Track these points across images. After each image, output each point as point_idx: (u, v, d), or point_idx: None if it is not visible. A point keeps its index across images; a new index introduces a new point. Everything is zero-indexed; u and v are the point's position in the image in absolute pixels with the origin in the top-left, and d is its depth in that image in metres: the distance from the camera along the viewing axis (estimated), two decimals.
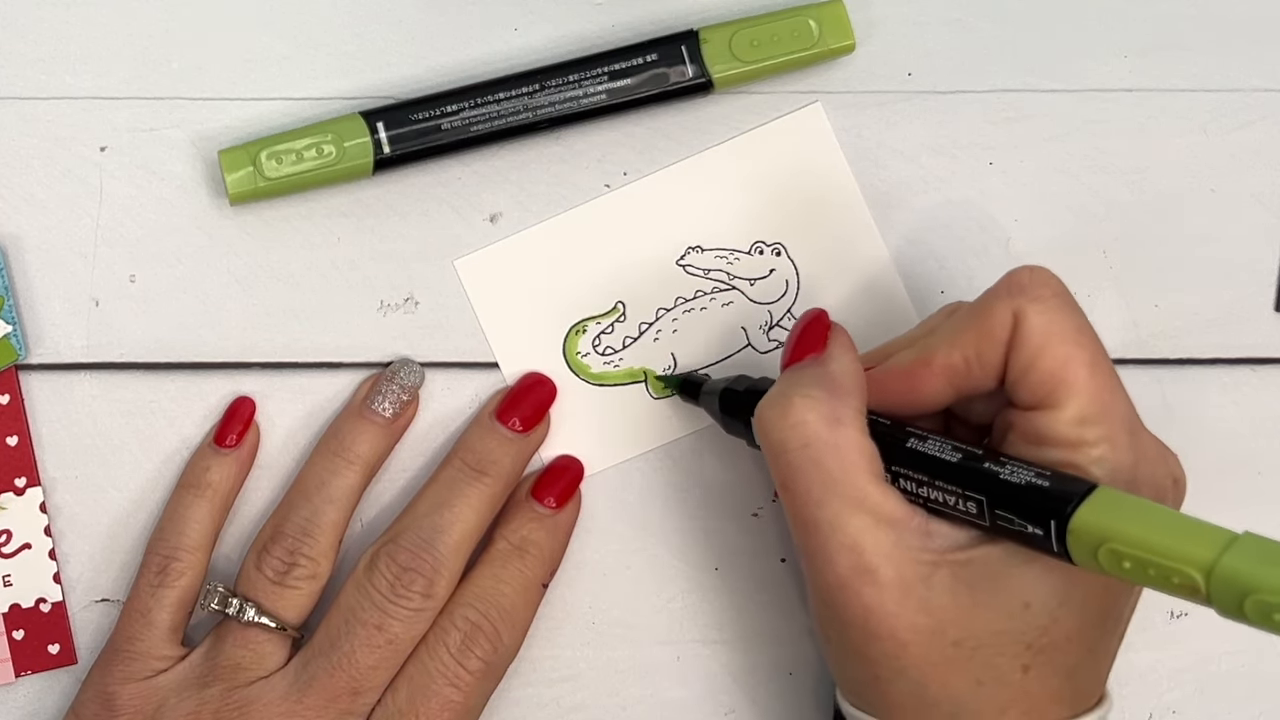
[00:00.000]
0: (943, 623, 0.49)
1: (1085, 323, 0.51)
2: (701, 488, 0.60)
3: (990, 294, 0.51)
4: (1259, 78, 0.61)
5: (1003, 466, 0.49)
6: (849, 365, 0.52)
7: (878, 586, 0.49)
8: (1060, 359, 0.50)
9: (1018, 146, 0.61)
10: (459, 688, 0.55)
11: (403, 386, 0.58)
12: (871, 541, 0.49)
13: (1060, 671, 0.50)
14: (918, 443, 0.51)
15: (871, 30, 0.60)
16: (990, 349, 0.51)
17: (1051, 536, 0.47)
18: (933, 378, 0.52)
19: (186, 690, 0.55)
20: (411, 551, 0.56)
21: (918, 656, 0.50)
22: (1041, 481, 0.48)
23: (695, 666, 0.60)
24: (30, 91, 0.59)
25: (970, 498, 0.49)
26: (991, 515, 0.49)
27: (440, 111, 0.58)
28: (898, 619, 0.49)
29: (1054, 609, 0.49)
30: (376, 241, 0.59)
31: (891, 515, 0.50)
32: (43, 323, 0.59)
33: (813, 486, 0.50)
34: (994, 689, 0.50)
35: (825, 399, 0.50)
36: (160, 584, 0.57)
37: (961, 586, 0.49)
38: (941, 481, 0.50)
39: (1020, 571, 0.49)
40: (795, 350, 0.53)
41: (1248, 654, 0.61)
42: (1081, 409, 0.49)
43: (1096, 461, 0.49)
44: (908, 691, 0.50)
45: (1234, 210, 0.61)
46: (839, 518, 0.49)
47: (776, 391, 0.52)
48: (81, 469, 0.59)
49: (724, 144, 0.60)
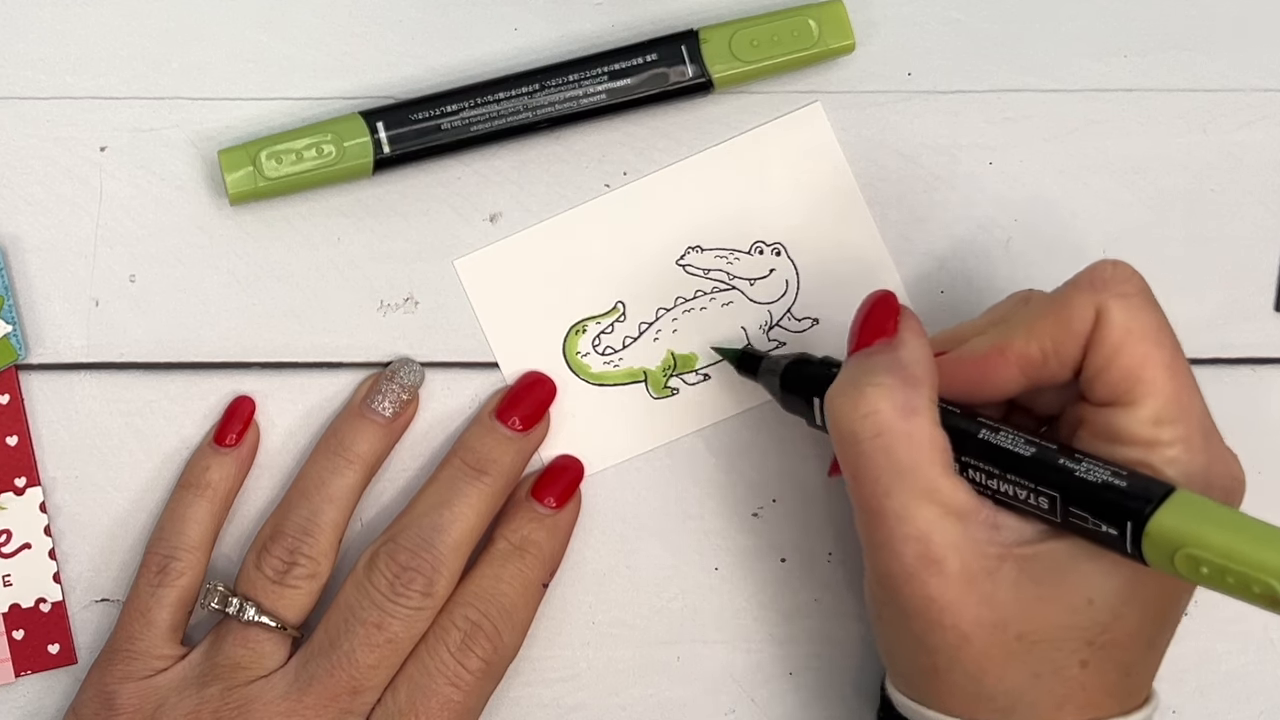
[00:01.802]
0: (1005, 616, 0.49)
1: (1165, 322, 0.51)
2: (701, 488, 0.60)
3: (1071, 286, 0.51)
4: (1259, 78, 0.61)
5: (1078, 464, 0.49)
6: (921, 352, 0.52)
7: (943, 577, 0.49)
8: (1139, 357, 0.49)
9: (1018, 146, 0.61)
10: (459, 687, 0.55)
11: (403, 386, 0.58)
12: (939, 533, 0.49)
13: (1118, 667, 0.50)
14: (990, 434, 0.51)
15: (871, 30, 0.60)
16: (1069, 342, 0.50)
17: (1127, 538, 0.47)
18: (1007, 367, 0.51)
19: (186, 689, 0.55)
20: (411, 550, 0.56)
21: (978, 649, 0.49)
22: (1118, 481, 0.48)
23: (695, 666, 0.60)
24: (30, 91, 0.59)
25: (1043, 493, 0.49)
26: (1064, 512, 0.48)
27: (440, 111, 0.58)
28: (961, 611, 0.49)
29: (1117, 606, 0.49)
30: (376, 241, 0.59)
31: (961, 507, 0.49)
32: (43, 323, 0.59)
33: (882, 476, 0.50)
34: (1051, 683, 0.50)
35: (898, 387, 0.50)
36: (160, 583, 0.57)
37: (1026, 580, 0.49)
38: (1014, 475, 0.50)
39: (1086, 568, 0.49)
40: (863, 333, 0.53)
41: (1248, 654, 0.61)
42: (1158, 409, 0.49)
43: (1170, 462, 0.49)
44: (964, 683, 0.50)
45: (1234, 210, 0.61)
46: (907, 508, 0.49)
47: (847, 379, 0.51)
48: (81, 469, 0.59)
49: (724, 144, 0.60)
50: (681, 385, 0.60)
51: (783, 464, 0.60)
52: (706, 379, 0.60)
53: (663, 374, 0.60)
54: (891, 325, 0.52)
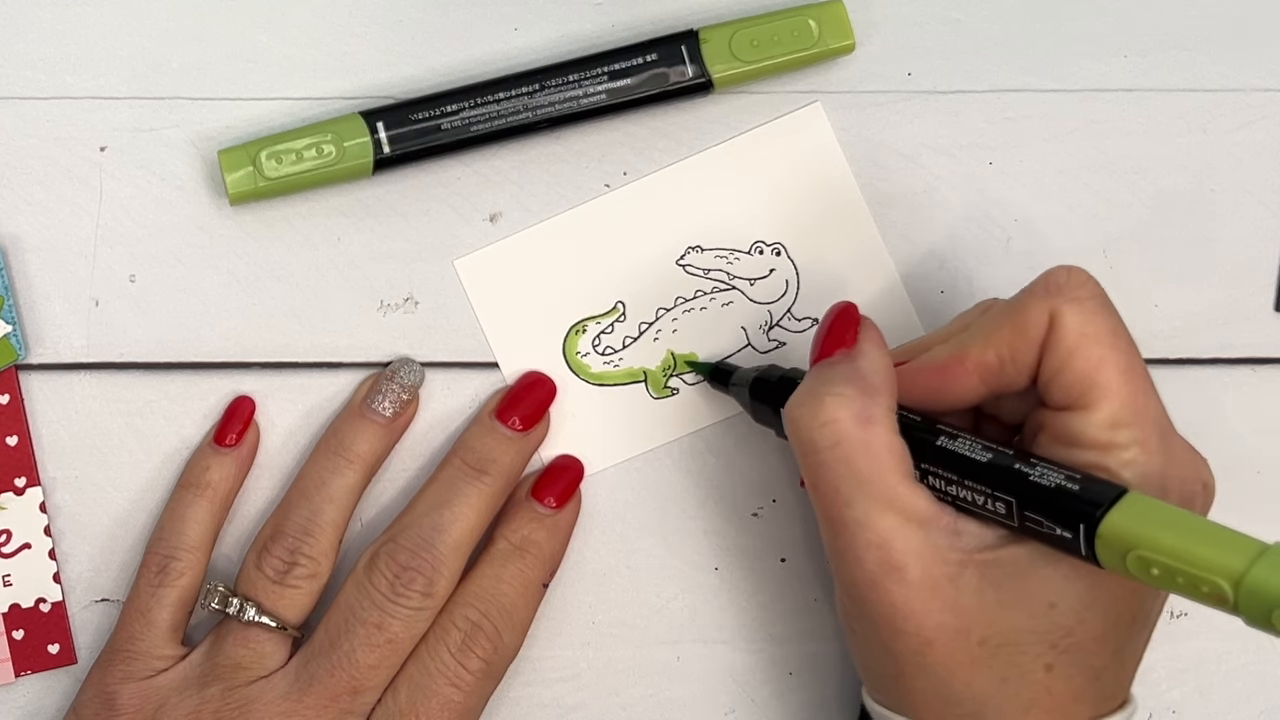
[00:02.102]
0: (968, 621, 0.49)
1: (1121, 325, 0.51)
2: (701, 488, 0.60)
3: (1026, 293, 0.51)
4: (1259, 78, 0.61)
5: (1033, 468, 0.49)
6: (880, 362, 0.52)
7: (905, 584, 0.49)
8: (1094, 361, 0.50)
9: (1018, 146, 0.61)
10: (459, 687, 0.55)
11: (403, 386, 0.58)
12: (900, 540, 0.49)
13: (1085, 672, 0.50)
14: (948, 441, 0.51)
15: (871, 30, 0.60)
16: (1024, 348, 0.51)
17: (1080, 540, 0.47)
18: (966, 374, 0.52)
19: (187, 690, 0.55)
20: (411, 551, 0.56)
21: (943, 654, 0.50)
22: (1071, 485, 0.48)
23: (695, 666, 0.60)
24: (30, 91, 0.59)
25: (999, 498, 0.49)
26: (1020, 516, 0.49)
27: (440, 111, 0.58)
28: (924, 616, 0.49)
29: (1080, 610, 0.50)
30: (376, 241, 0.59)
31: (921, 514, 0.50)
32: (43, 323, 0.59)
33: (842, 485, 0.50)
34: (1017, 687, 0.50)
35: (856, 397, 0.50)
36: (160, 583, 0.57)
37: (988, 585, 0.49)
38: (971, 481, 0.50)
39: (1047, 572, 0.49)
40: (825, 344, 0.53)
41: (1248, 654, 0.61)
42: (1114, 412, 0.49)
43: (1127, 465, 0.49)
44: (932, 688, 0.50)
45: (1234, 210, 0.61)
46: (868, 516, 0.49)
47: (806, 389, 0.52)
48: (81, 469, 0.59)
49: (724, 144, 0.60)
50: (681, 385, 0.60)
51: (783, 464, 0.60)
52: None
53: (663, 374, 0.60)
54: (851, 336, 0.53)
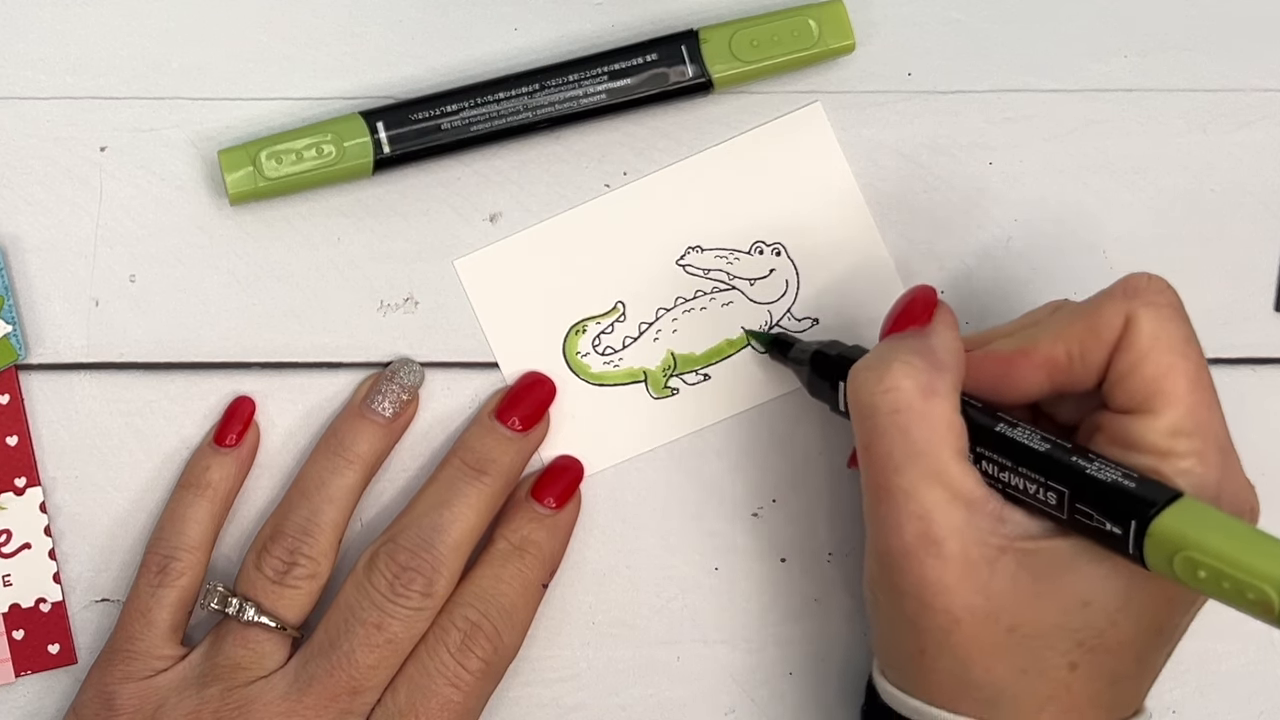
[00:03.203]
0: (999, 607, 0.49)
1: (1193, 335, 0.51)
2: (701, 488, 0.60)
3: (1104, 294, 0.51)
4: (1259, 78, 0.61)
5: (1090, 462, 0.49)
6: (951, 341, 0.52)
7: (941, 559, 0.49)
8: (1164, 367, 0.50)
9: (1018, 146, 0.61)
10: (459, 688, 0.55)
11: (403, 386, 0.58)
12: (943, 515, 0.49)
13: (1105, 675, 0.50)
14: (1007, 428, 0.51)
15: (871, 30, 0.60)
16: (1096, 347, 0.51)
17: (1129, 537, 0.47)
18: (1033, 368, 0.52)
19: (186, 690, 0.55)
20: (411, 551, 0.56)
21: (968, 636, 0.50)
22: (1127, 482, 0.48)
23: (695, 666, 0.60)
24: (30, 91, 0.59)
25: (1052, 488, 0.49)
26: (1071, 508, 0.49)
27: (440, 111, 0.58)
28: (955, 595, 0.49)
29: (1113, 612, 0.50)
30: (376, 241, 0.59)
31: (968, 494, 0.50)
32: (43, 323, 0.59)
33: (895, 451, 0.50)
34: (1037, 681, 0.50)
35: (924, 369, 0.51)
36: (160, 583, 0.57)
37: (1024, 575, 0.49)
38: (1025, 468, 0.50)
39: (1087, 570, 0.49)
40: (898, 321, 0.53)
41: (1248, 654, 0.61)
42: (1177, 420, 0.49)
43: (1183, 474, 0.49)
44: (951, 670, 0.50)
45: (1234, 210, 0.61)
46: (915, 487, 0.50)
47: (875, 356, 0.52)
48: (81, 469, 0.59)
49: (724, 144, 0.60)
50: (681, 385, 0.60)
51: (783, 464, 0.60)
52: (706, 379, 0.60)
53: (663, 374, 0.60)
54: (926, 315, 0.53)
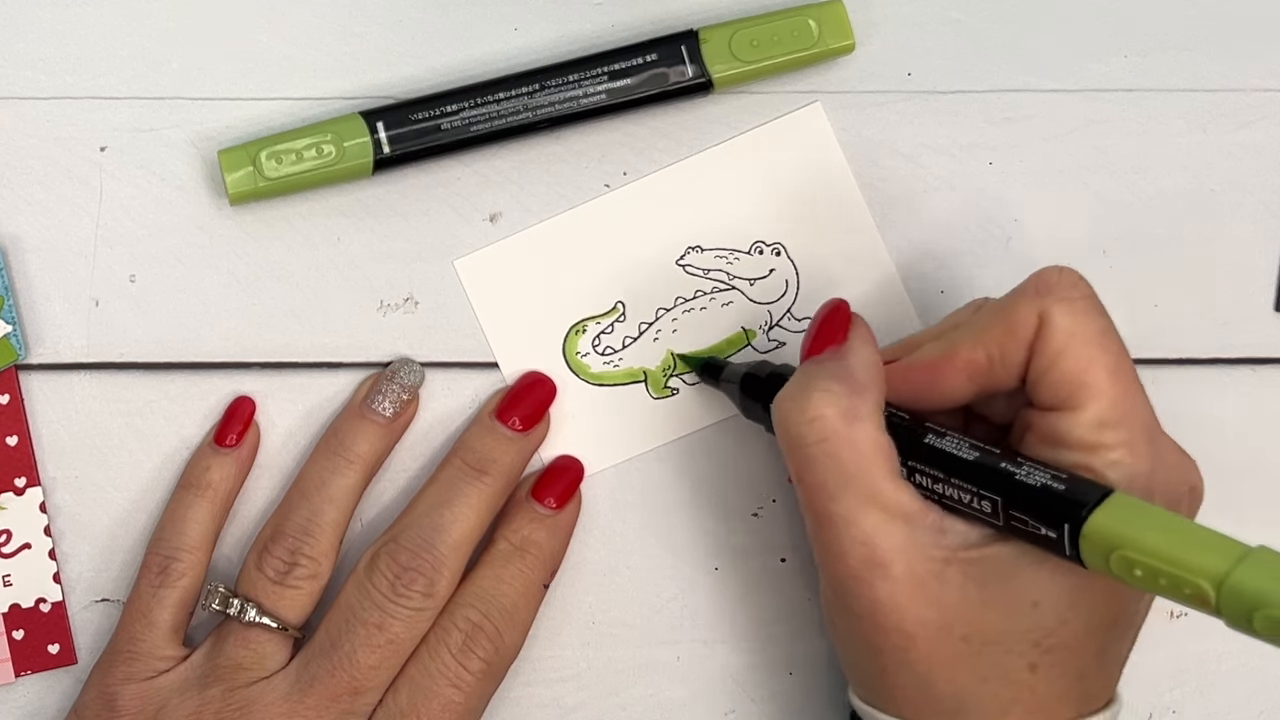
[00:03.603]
0: (951, 618, 0.49)
1: (1110, 326, 0.51)
2: (701, 488, 0.60)
3: (1017, 292, 0.51)
4: (1259, 78, 0.61)
5: (1019, 467, 0.49)
6: (868, 358, 0.52)
7: (889, 580, 0.49)
8: (1083, 361, 0.50)
9: (1018, 146, 0.61)
10: (460, 688, 0.55)
11: (403, 386, 0.58)
12: (884, 536, 0.49)
13: (1069, 673, 0.50)
14: (935, 439, 0.51)
15: (871, 30, 0.60)
16: (1014, 347, 0.51)
17: (1065, 540, 0.47)
18: (955, 373, 0.52)
19: (188, 691, 0.55)
20: (412, 551, 0.56)
21: (925, 651, 0.50)
22: (1057, 485, 0.48)
23: (695, 666, 0.60)
24: (30, 91, 0.59)
25: (985, 496, 0.49)
26: (1006, 515, 0.49)
27: (440, 111, 0.58)
28: (906, 613, 0.49)
29: (1063, 610, 0.50)
30: (376, 241, 0.59)
31: (905, 511, 0.50)
32: (43, 323, 0.59)
33: (828, 480, 0.50)
34: (999, 686, 0.50)
35: (844, 394, 0.51)
36: (161, 584, 0.57)
37: (971, 584, 0.49)
38: (957, 479, 0.50)
39: (1031, 571, 0.49)
40: (815, 341, 0.53)
41: (1248, 654, 0.61)
42: (1101, 412, 0.49)
43: (1113, 465, 0.49)
44: (913, 685, 0.50)
45: (1234, 210, 0.61)
46: (853, 512, 0.50)
47: (795, 384, 0.52)
48: (81, 469, 0.59)
49: (724, 144, 0.60)
50: (681, 385, 0.60)
51: (783, 464, 0.60)
52: None
53: (663, 374, 0.60)
54: (841, 334, 0.53)
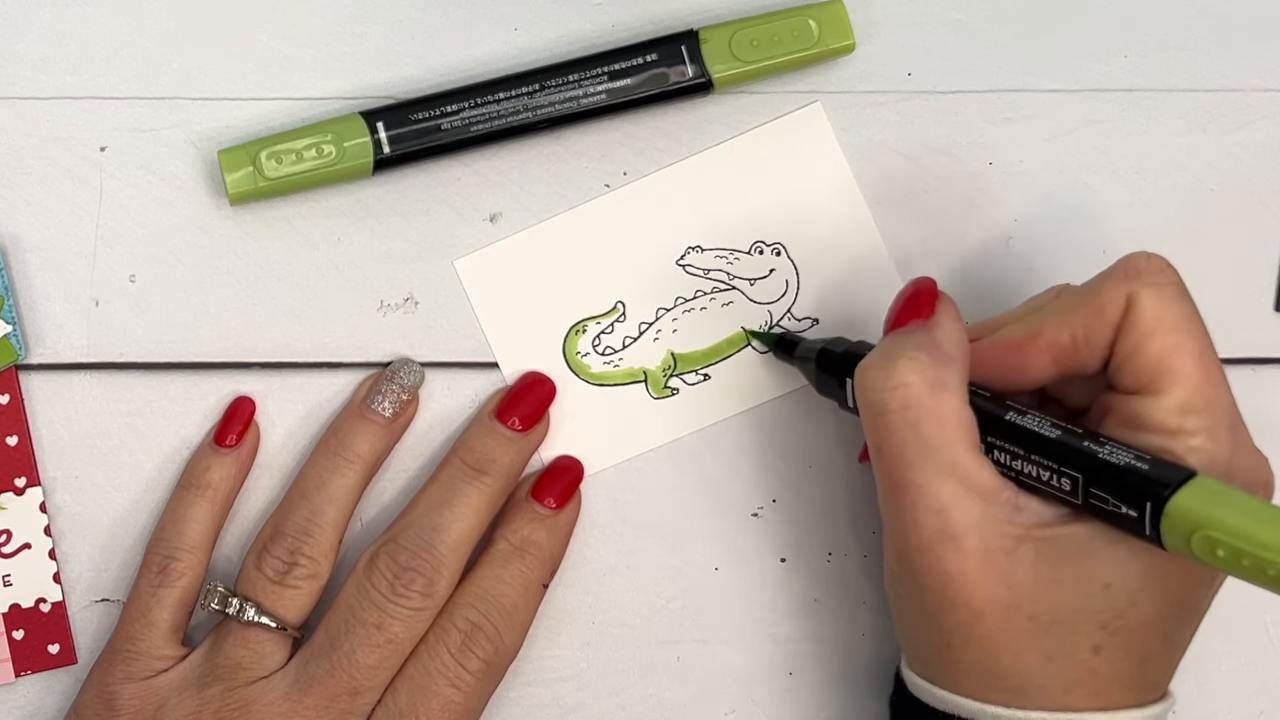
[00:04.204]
0: (1021, 596, 0.49)
1: (1196, 313, 0.51)
2: (701, 488, 0.60)
3: (1105, 276, 0.51)
4: (1259, 78, 0.61)
5: (1102, 446, 0.49)
6: (956, 333, 0.52)
7: (961, 554, 0.49)
8: (1169, 346, 0.50)
9: (1018, 146, 0.61)
10: (459, 688, 0.55)
11: (403, 386, 0.58)
12: (960, 509, 0.49)
13: (1132, 657, 0.50)
14: (1017, 416, 0.51)
15: (871, 30, 0.60)
16: (1099, 330, 0.51)
17: (1146, 519, 0.47)
18: (1038, 354, 0.52)
19: (187, 690, 0.55)
20: (411, 551, 0.56)
21: (992, 627, 0.50)
22: (1140, 464, 0.48)
23: (695, 666, 0.60)
24: (30, 91, 0.59)
25: (1065, 474, 0.49)
26: (1085, 493, 0.49)
27: (440, 111, 0.58)
28: (976, 588, 0.50)
29: (1134, 592, 0.50)
30: (376, 241, 0.59)
31: (983, 486, 0.50)
32: (43, 323, 0.59)
33: (907, 449, 0.50)
34: (1064, 666, 0.50)
35: (930, 364, 0.51)
36: (160, 584, 0.57)
37: (1044, 562, 0.50)
38: (1038, 456, 0.50)
39: (1105, 552, 0.49)
40: (900, 315, 0.53)
41: (1248, 654, 0.61)
42: (1184, 398, 0.50)
43: (1193, 451, 0.49)
44: (976, 661, 0.50)
45: (1234, 210, 0.61)
46: (930, 482, 0.50)
47: (880, 353, 0.52)
48: (81, 469, 0.59)
49: (724, 144, 0.60)
50: (681, 385, 0.60)
51: (783, 464, 0.60)
52: (706, 379, 0.60)
53: (663, 374, 0.60)
54: (928, 309, 0.53)
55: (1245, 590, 0.58)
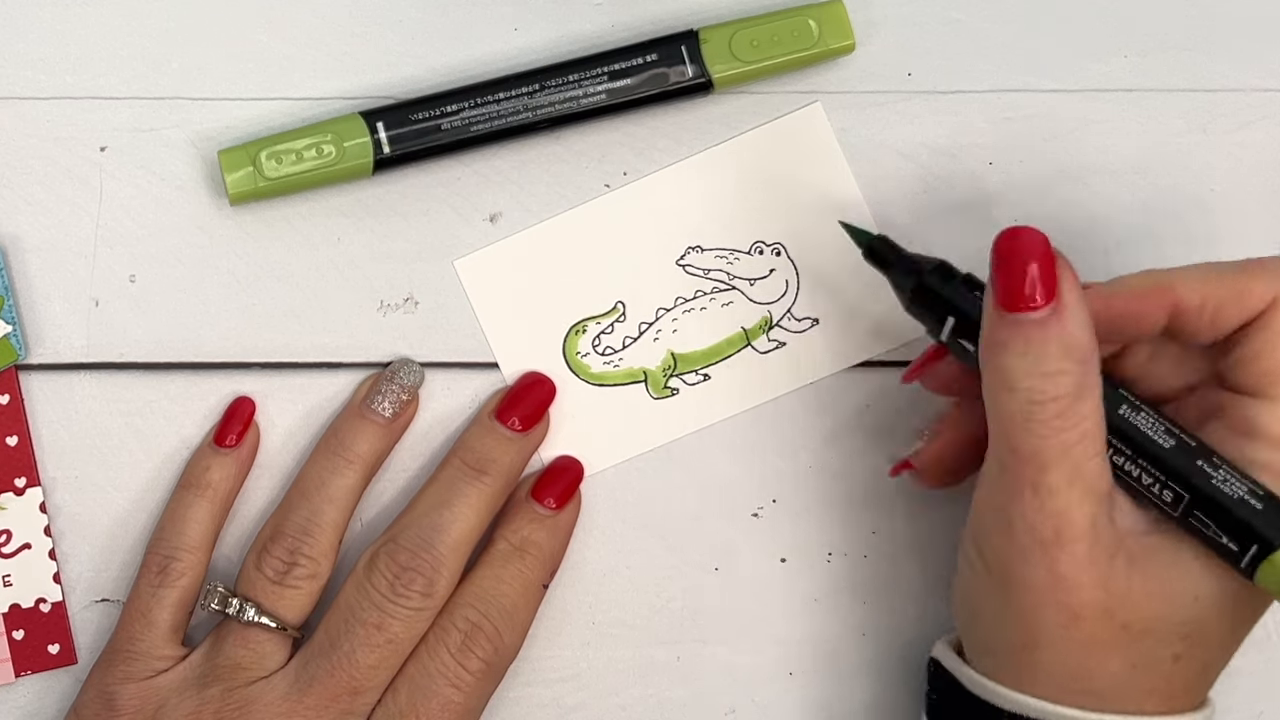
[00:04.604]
0: (1116, 604, 0.49)
1: None
2: (701, 488, 0.60)
3: (1260, 263, 0.51)
4: (1259, 78, 0.61)
5: (1216, 469, 0.49)
6: (1089, 322, 0.50)
7: (1073, 557, 0.49)
8: None
9: (1018, 146, 0.61)
10: (460, 688, 0.55)
11: (403, 386, 0.58)
12: (1081, 513, 0.49)
13: (1200, 664, 0.51)
14: (1130, 412, 0.50)
15: (871, 30, 0.60)
16: (1234, 312, 0.50)
17: (1245, 556, 0.47)
18: (1159, 308, 0.50)
19: (187, 690, 0.55)
20: (411, 551, 0.56)
21: (1087, 632, 0.50)
22: (1255, 501, 0.48)
23: (695, 666, 0.60)
24: (30, 91, 0.59)
25: (1171, 489, 0.49)
26: (1186, 511, 0.49)
27: (440, 111, 0.58)
28: (1081, 592, 0.49)
29: (1219, 605, 0.50)
30: (376, 241, 0.59)
31: (1101, 491, 0.49)
32: (43, 323, 0.59)
33: (1043, 450, 0.49)
34: (1146, 674, 0.50)
35: (1077, 370, 0.49)
36: (160, 584, 0.57)
37: (1137, 571, 0.49)
38: (1147, 462, 0.50)
39: (1196, 565, 0.50)
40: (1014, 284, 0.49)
41: (1249, 654, 0.61)
42: None
43: None
44: (1061, 664, 0.50)
45: (1234, 210, 0.61)
46: (1059, 485, 0.49)
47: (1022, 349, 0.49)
48: (81, 469, 0.59)
49: (724, 144, 0.60)
50: (681, 385, 0.60)
51: (783, 464, 0.60)
52: (706, 379, 0.60)
53: (663, 374, 0.60)
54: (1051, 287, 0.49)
55: None
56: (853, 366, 0.60)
